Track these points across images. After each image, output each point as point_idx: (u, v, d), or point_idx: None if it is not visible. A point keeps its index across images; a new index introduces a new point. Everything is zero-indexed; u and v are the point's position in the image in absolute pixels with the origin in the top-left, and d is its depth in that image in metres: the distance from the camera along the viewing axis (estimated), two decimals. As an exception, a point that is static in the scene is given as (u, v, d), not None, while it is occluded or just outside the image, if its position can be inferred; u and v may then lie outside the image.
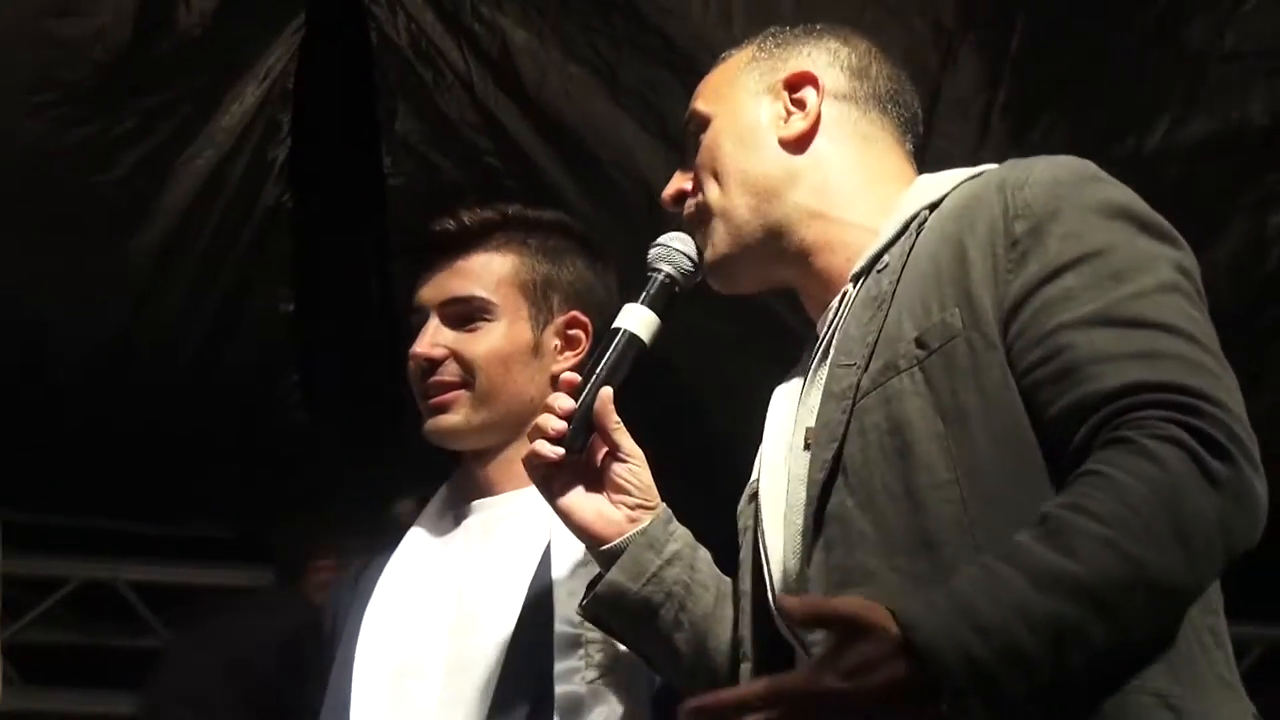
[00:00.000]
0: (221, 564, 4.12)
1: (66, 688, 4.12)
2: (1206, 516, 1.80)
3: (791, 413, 2.17)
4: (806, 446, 2.08)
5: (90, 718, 4.16)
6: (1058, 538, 1.81)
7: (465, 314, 2.66)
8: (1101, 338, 1.91)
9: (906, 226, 2.08)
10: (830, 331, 2.12)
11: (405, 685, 2.58)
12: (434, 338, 2.64)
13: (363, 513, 3.47)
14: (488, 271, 2.67)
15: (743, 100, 2.26)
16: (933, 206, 2.09)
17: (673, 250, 2.29)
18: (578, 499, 2.29)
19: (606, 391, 2.26)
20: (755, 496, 2.18)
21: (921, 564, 1.93)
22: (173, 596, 4.17)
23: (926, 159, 2.26)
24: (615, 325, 2.28)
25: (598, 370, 2.26)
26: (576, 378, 2.27)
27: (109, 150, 3.76)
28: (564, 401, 2.26)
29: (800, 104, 2.23)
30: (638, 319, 2.29)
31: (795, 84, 2.24)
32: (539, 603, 2.55)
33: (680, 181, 2.28)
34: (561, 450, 2.25)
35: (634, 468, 2.28)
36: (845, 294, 2.12)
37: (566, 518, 2.29)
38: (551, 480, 2.29)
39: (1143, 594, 1.81)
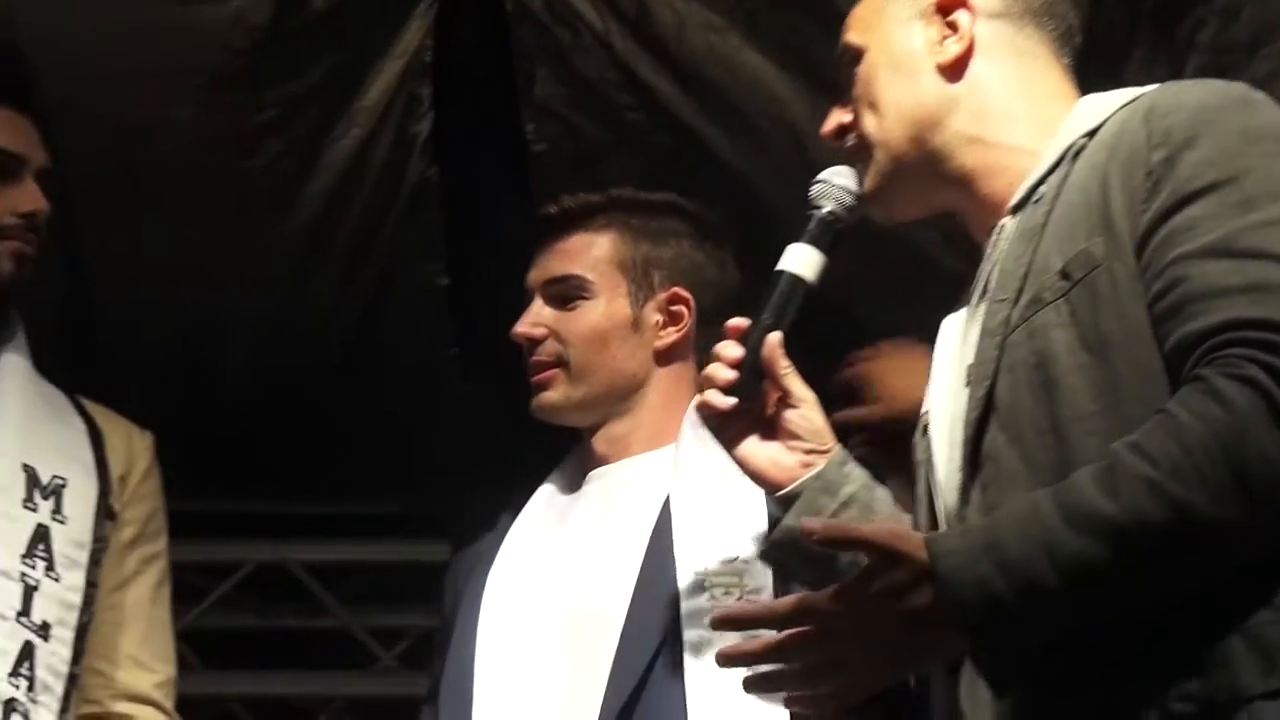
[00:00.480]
0: (392, 540, 4.13)
1: (245, 670, 4.15)
2: (1273, 460, 1.76)
3: (956, 347, 2.18)
4: (967, 384, 2.08)
5: (269, 698, 4.19)
6: (1108, 476, 1.79)
7: (564, 293, 2.75)
8: (1215, 270, 1.88)
9: (1063, 156, 2.06)
10: (989, 266, 2.12)
11: (529, 645, 2.63)
12: (534, 318, 2.74)
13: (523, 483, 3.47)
14: (586, 251, 2.75)
15: (894, 29, 2.26)
16: (1091, 134, 2.07)
17: (833, 185, 2.32)
18: (752, 446, 2.32)
19: (775, 336, 2.27)
20: (927, 430, 2.15)
21: None
22: (346, 575, 4.20)
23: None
24: (779, 267, 2.29)
25: (764, 315, 2.27)
26: (744, 323, 2.29)
27: (254, 136, 3.77)
28: (732, 349, 2.29)
29: (953, 27, 2.22)
30: (801, 258, 2.31)
31: (947, 7, 2.23)
32: (661, 550, 2.61)
33: (839, 116, 2.28)
34: (733, 400, 2.27)
35: (806, 412, 2.31)
36: (1003, 226, 2.11)
37: (742, 465, 2.30)
38: (725, 428, 2.32)
39: (1187, 538, 1.77)
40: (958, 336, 2.17)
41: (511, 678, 2.62)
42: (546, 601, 2.67)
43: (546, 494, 2.81)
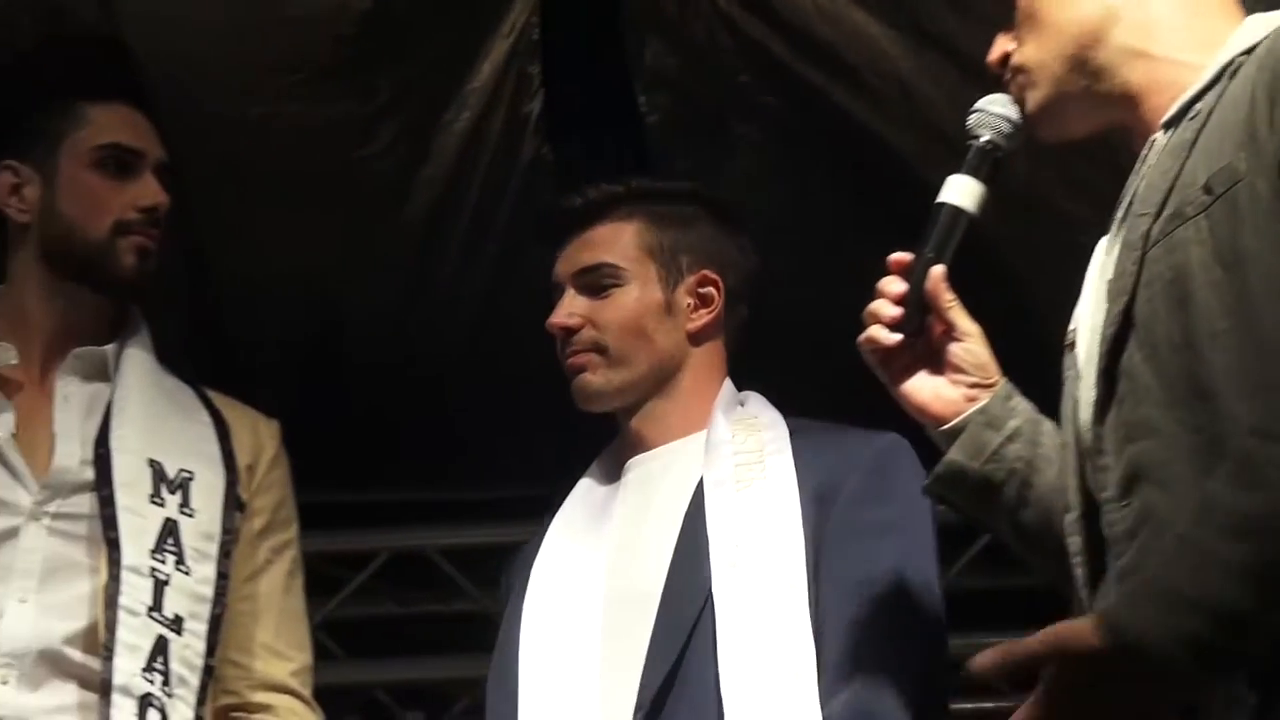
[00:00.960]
0: (525, 521, 4.10)
1: (386, 657, 4.16)
2: None
3: (1100, 263, 2.16)
4: (1107, 299, 2.06)
5: (411, 684, 4.20)
6: (1244, 471, 1.74)
7: (597, 282, 2.78)
8: None
9: (1222, 72, 2.03)
10: (1137, 181, 2.09)
11: (569, 631, 2.69)
12: (569, 308, 2.77)
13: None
14: (615, 239, 2.79)
15: None
16: (1249, 51, 2.04)
17: (990, 114, 2.32)
18: (915, 381, 2.28)
19: (938, 270, 2.26)
20: (1074, 346, 2.13)
21: (1201, 415, 1.89)
22: (481, 558, 4.19)
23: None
24: (939, 200, 2.30)
25: (926, 249, 2.26)
26: (907, 257, 2.28)
27: (367, 124, 3.78)
28: (895, 285, 2.28)
29: None
30: (961, 190, 2.31)
31: None
32: (694, 532, 2.67)
33: (1003, 43, 2.26)
34: (898, 336, 2.26)
35: (971, 346, 2.30)
36: (1154, 141, 2.08)
37: (905, 400, 2.28)
38: (888, 364, 2.31)
39: None
40: (1102, 253, 2.15)
41: (553, 664, 2.67)
42: (586, 588, 2.72)
43: (585, 487, 2.86)
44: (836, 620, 2.59)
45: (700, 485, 2.68)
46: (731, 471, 2.66)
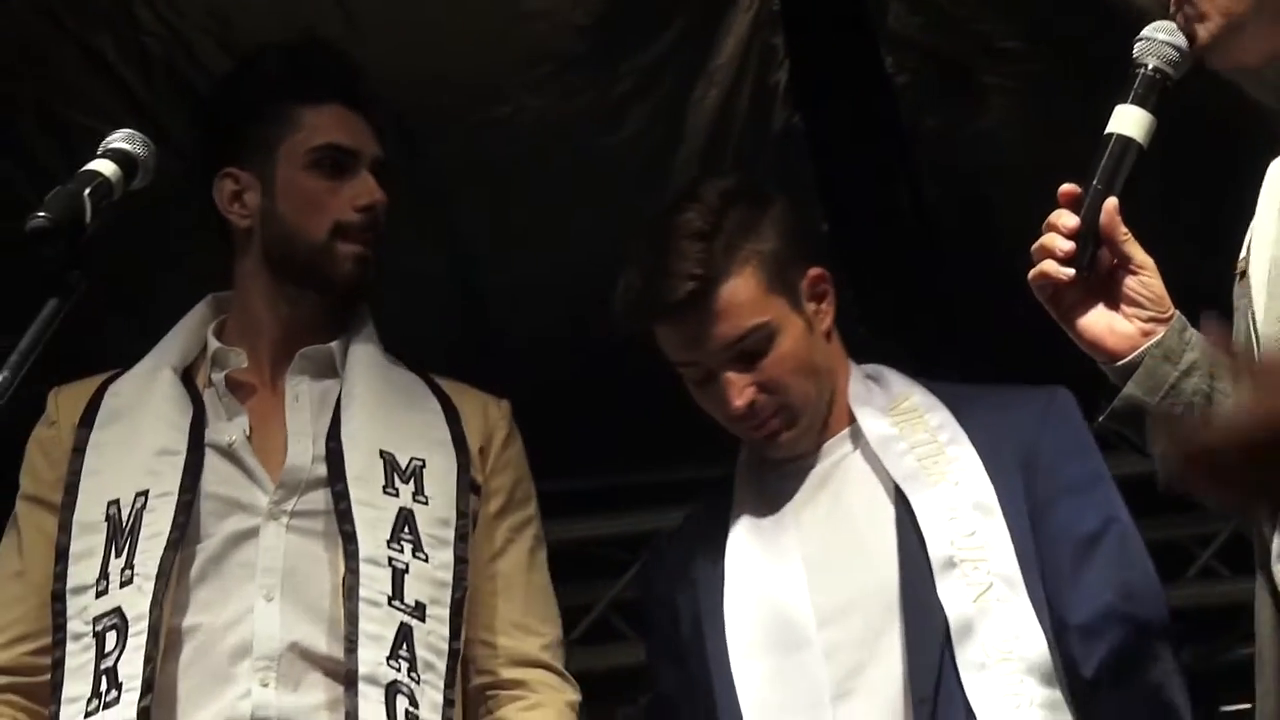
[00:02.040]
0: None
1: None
2: None
3: (1277, 191, 2.09)
4: None
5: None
6: None
7: (750, 348, 2.74)
8: None
9: None
10: None
11: (784, 649, 2.69)
12: (739, 385, 2.76)
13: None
14: (742, 296, 2.78)
15: None
16: None
17: (1157, 42, 2.28)
18: (1088, 315, 2.24)
19: (1111, 202, 2.24)
20: (1245, 275, 2.10)
21: None
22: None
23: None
24: (1108, 130, 2.26)
25: (1096, 181, 2.23)
26: (1076, 189, 2.25)
27: (614, 111, 3.82)
28: (1068, 219, 2.26)
29: None
30: (1130, 120, 2.28)
31: None
32: (908, 534, 2.64)
33: None
34: (1071, 271, 2.23)
35: (1145, 279, 2.25)
36: None
37: (1079, 336, 2.24)
38: (1059, 300, 2.27)
39: None
40: (1278, 176, 2.09)
41: (774, 683, 2.66)
42: (789, 600, 2.71)
43: (749, 488, 2.86)
44: (1071, 578, 2.63)
45: (897, 490, 2.69)
46: (915, 465, 2.67)
